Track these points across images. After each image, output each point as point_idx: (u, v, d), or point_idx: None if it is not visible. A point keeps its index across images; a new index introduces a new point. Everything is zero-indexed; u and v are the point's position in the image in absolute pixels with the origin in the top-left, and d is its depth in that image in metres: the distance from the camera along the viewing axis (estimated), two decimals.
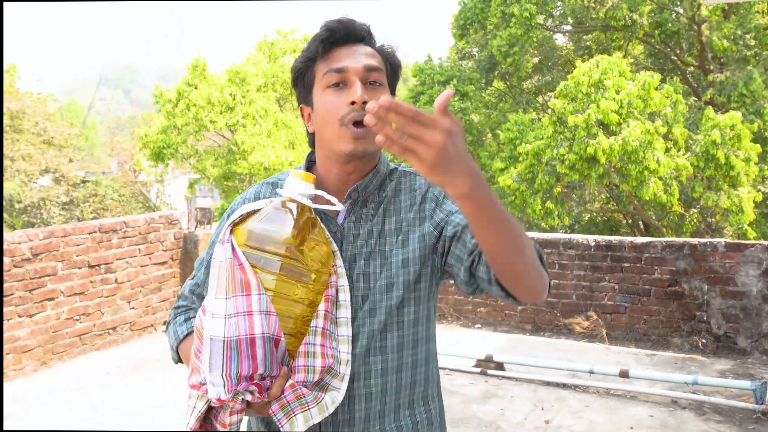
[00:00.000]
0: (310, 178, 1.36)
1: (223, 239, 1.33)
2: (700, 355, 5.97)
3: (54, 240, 5.89)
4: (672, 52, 16.38)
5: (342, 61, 1.42)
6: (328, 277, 1.39)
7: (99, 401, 5.12)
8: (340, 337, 1.41)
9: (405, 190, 1.54)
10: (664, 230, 13.59)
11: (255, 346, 1.28)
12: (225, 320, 1.29)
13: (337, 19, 1.45)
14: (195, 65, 16.77)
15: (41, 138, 19.18)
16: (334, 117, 1.41)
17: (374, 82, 1.43)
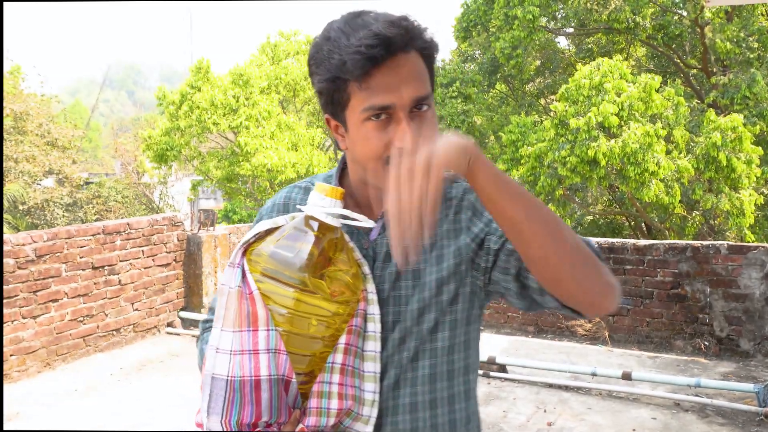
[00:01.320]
0: (337, 193, 1.19)
1: (234, 262, 1.21)
2: (703, 357, 5.98)
3: (58, 242, 5.92)
4: (675, 54, 16.39)
5: (384, 94, 1.17)
6: (356, 306, 1.23)
7: (103, 403, 5.14)
8: (365, 373, 1.26)
9: (443, 199, 1.34)
10: (666, 232, 13.59)
11: (260, 389, 1.15)
12: (230, 357, 1.17)
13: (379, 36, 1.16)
14: (198, 67, 16.80)
15: (45, 140, 19.21)
16: (376, 155, 1.21)
17: (421, 106, 1.21)
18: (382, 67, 1.17)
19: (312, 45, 1.26)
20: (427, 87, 1.22)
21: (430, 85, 1.24)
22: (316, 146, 17.59)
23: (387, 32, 1.15)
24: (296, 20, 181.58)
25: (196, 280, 7.17)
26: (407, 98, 1.18)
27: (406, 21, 1.19)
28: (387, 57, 1.16)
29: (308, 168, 16.09)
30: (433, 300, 1.29)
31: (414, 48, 1.20)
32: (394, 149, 1.16)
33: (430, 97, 1.22)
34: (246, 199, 17.99)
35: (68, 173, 19.42)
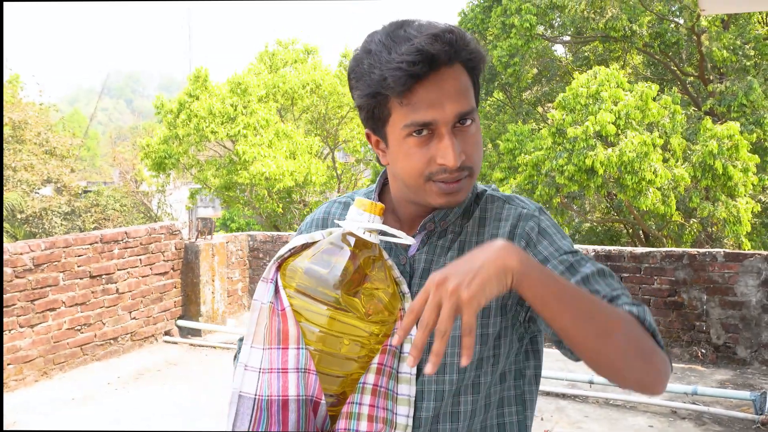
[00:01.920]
0: (377, 209, 1.16)
1: (267, 277, 1.18)
2: (700, 365, 5.99)
3: (56, 250, 5.92)
4: (672, 62, 16.44)
5: (426, 110, 1.14)
6: (392, 326, 1.17)
7: (100, 411, 5.14)
8: (399, 396, 1.20)
9: (491, 219, 1.28)
10: (664, 240, 13.61)
11: (288, 410, 1.13)
12: (259, 375, 1.15)
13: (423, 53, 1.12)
14: (197, 76, 16.83)
15: (43, 148, 19.23)
16: (419, 171, 1.18)
17: (465, 121, 1.18)
18: (425, 82, 1.13)
19: (352, 58, 1.22)
20: (470, 101, 1.18)
21: (474, 99, 1.21)
22: (314, 154, 17.61)
23: (430, 48, 1.11)
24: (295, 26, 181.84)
25: (194, 289, 7.17)
26: (450, 114, 1.15)
27: (451, 33, 1.15)
28: (429, 72, 1.13)
29: (306, 176, 16.10)
30: (477, 331, 1.20)
31: (458, 60, 1.16)
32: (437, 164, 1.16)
33: (473, 111, 1.19)
34: (244, 207, 18.00)
35: (66, 182, 19.43)
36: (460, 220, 1.29)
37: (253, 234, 8.38)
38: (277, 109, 18.30)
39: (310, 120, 19.08)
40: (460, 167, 1.16)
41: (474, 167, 1.20)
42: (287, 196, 17.16)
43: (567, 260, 1.19)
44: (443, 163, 1.15)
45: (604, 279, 1.17)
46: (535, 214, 1.26)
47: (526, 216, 1.25)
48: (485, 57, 1.22)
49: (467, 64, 1.18)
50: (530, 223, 1.24)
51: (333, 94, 17.85)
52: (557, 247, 1.21)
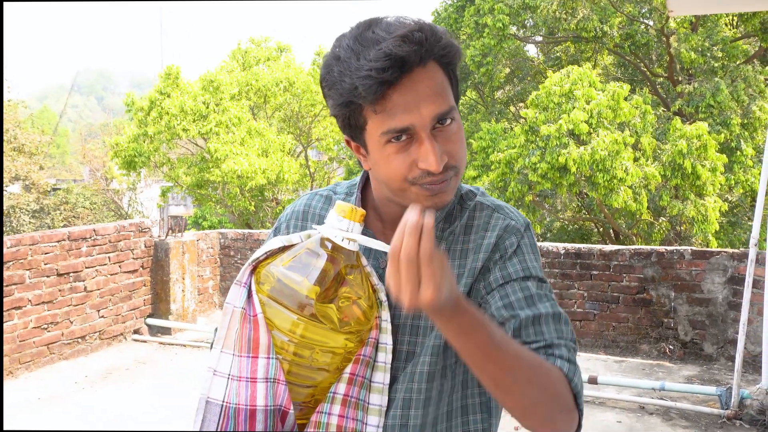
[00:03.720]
0: (356, 216, 1.11)
1: (241, 281, 1.15)
2: (668, 361, 6.06)
3: (22, 248, 5.83)
4: (642, 63, 16.62)
5: (402, 115, 1.09)
6: (366, 335, 1.15)
7: (68, 411, 5.07)
8: (370, 406, 1.18)
9: (477, 228, 1.25)
10: (634, 238, 13.76)
11: (255, 420, 1.11)
12: (228, 381, 1.13)
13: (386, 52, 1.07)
14: (168, 73, 16.67)
15: (11, 145, 18.93)
16: (402, 177, 1.13)
17: (444, 121, 1.13)
18: (398, 87, 1.08)
19: (323, 65, 1.16)
20: (448, 100, 1.13)
21: (452, 96, 1.15)
22: (287, 152, 17.53)
23: (399, 51, 1.06)
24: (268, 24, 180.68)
25: (164, 287, 7.10)
26: (427, 117, 1.10)
27: (420, 32, 1.09)
28: (401, 76, 1.08)
29: (279, 174, 16.03)
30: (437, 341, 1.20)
31: (432, 58, 1.11)
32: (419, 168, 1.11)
33: (452, 110, 1.13)
34: (216, 205, 17.87)
35: (35, 179, 19.15)
36: (442, 224, 1.26)
37: (225, 232, 8.32)
38: (250, 107, 18.20)
39: (283, 118, 18.99)
40: (444, 168, 1.12)
41: (459, 166, 1.16)
42: (260, 194, 17.07)
43: (528, 289, 1.17)
44: (425, 167, 1.11)
45: (556, 324, 1.15)
46: (521, 229, 1.25)
47: (512, 229, 1.24)
48: (460, 50, 1.17)
49: (441, 61, 1.13)
50: (512, 239, 1.23)
51: (306, 92, 17.79)
52: (526, 268, 1.20)
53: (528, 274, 1.19)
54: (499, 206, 1.29)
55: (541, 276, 1.21)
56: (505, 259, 1.21)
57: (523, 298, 1.16)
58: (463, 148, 1.17)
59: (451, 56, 1.14)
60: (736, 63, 14.70)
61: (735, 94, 13.73)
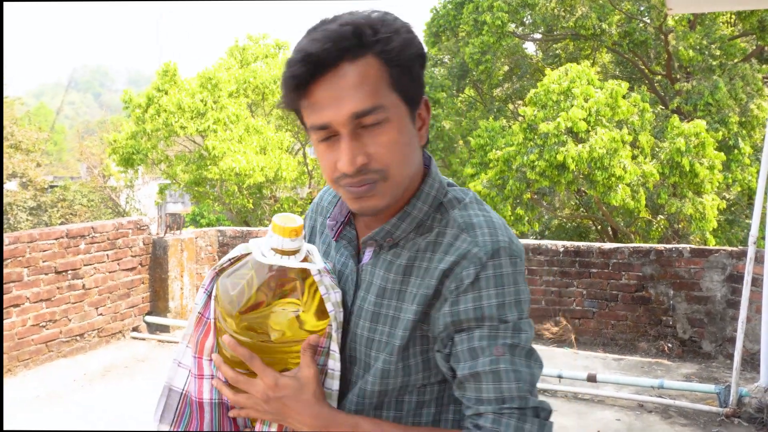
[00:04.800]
0: (286, 231, 1.11)
1: (204, 285, 1.20)
2: (666, 359, 6.07)
3: (20, 245, 5.82)
4: (640, 61, 16.63)
5: (319, 112, 1.08)
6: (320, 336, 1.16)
7: (66, 408, 5.06)
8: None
9: (443, 246, 1.15)
10: (632, 236, 13.78)
11: (203, 410, 1.21)
12: (188, 374, 1.24)
13: (302, 55, 1.07)
14: (165, 70, 16.65)
15: (8, 142, 18.90)
16: (329, 177, 1.14)
17: (369, 124, 1.08)
18: (321, 82, 1.07)
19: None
20: (374, 98, 1.07)
21: (389, 93, 1.09)
22: (285, 150, 17.52)
23: (310, 48, 1.05)
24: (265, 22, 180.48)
25: (162, 284, 7.09)
26: (344, 114, 1.06)
27: (350, 26, 1.07)
28: (320, 73, 1.06)
29: (277, 172, 16.02)
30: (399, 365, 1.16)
31: (369, 53, 1.07)
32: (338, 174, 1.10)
33: (378, 109, 1.07)
34: (214, 203, 17.85)
35: (32, 176, 19.13)
36: (414, 234, 1.18)
37: (223, 229, 8.31)
38: (248, 104, 18.18)
39: (281, 115, 18.97)
40: (363, 171, 1.08)
41: (386, 170, 1.09)
42: (258, 191, 17.06)
43: (473, 340, 1.08)
44: (339, 167, 1.09)
45: (496, 382, 1.06)
46: (483, 258, 1.10)
47: (473, 258, 1.10)
48: (406, 44, 1.10)
49: (382, 56, 1.08)
50: (469, 270, 1.10)
51: None
52: (479, 308, 1.08)
53: (481, 316, 1.08)
54: (469, 226, 1.14)
55: (501, 316, 1.08)
56: (459, 293, 1.09)
57: (467, 350, 1.08)
58: (395, 151, 1.10)
59: (392, 51, 1.08)
60: (734, 61, 14.72)
61: (733, 92, 13.75)
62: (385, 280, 1.17)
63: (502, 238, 1.12)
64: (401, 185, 1.13)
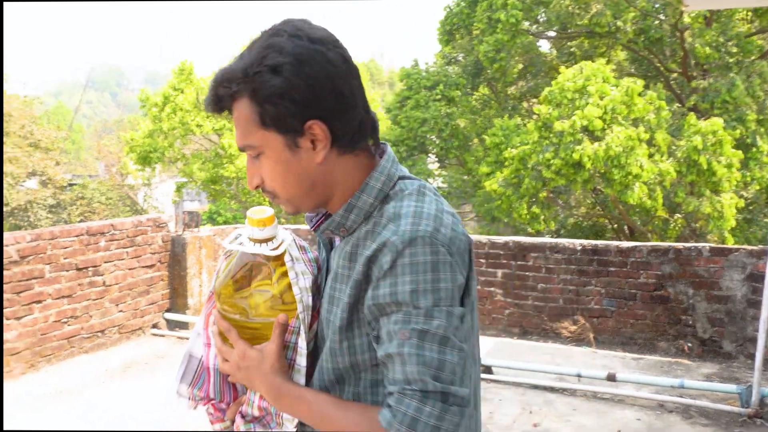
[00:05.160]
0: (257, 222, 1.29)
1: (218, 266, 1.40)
2: (686, 358, 6.04)
3: (41, 242, 5.87)
4: (656, 58, 16.53)
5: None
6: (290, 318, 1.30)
7: (87, 404, 5.11)
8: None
9: (374, 235, 1.24)
10: (649, 235, 13.71)
11: (210, 374, 1.44)
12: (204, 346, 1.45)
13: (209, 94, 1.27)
14: (181, 69, 16.74)
15: (28, 141, 19.06)
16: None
17: (255, 156, 1.26)
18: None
19: None
20: (244, 138, 1.25)
21: (259, 130, 1.23)
22: None
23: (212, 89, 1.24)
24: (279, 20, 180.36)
25: (181, 282, 7.14)
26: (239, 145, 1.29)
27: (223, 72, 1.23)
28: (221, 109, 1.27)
29: None
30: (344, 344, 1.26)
31: (245, 93, 1.21)
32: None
33: (249, 148, 1.26)
34: (230, 200, 17.93)
35: (51, 175, 19.28)
36: (366, 224, 1.27)
37: (240, 227, 8.34)
38: None
39: None
40: (261, 188, 1.29)
41: (275, 192, 1.28)
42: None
43: (388, 323, 1.16)
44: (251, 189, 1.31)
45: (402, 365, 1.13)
46: (398, 246, 1.15)
47: (389, 245, 1.16)
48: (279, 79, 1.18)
49: (252, 96, 1.21)
50: (386, 257, 1.16)
51: None
52: (394, 293, 1.15)
53: (396, 300, 1.14)
54: (396, 216, 1.21)
55: (414, 302, 1.13)
56: (379, 279, 1.17)
57: (385, 333, 1.16)
58: (274, 177, 1.26)
59: (260, 89, 1.19)
60: (751, 58, 14.60)
61: (750, 89, 13.65)
62: (338, 266, 1.28)
63: (424, 227, 1.17)
64: (295, 199, 1.30)
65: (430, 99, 17.30)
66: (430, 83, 17.69)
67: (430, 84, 17.67)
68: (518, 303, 6.81)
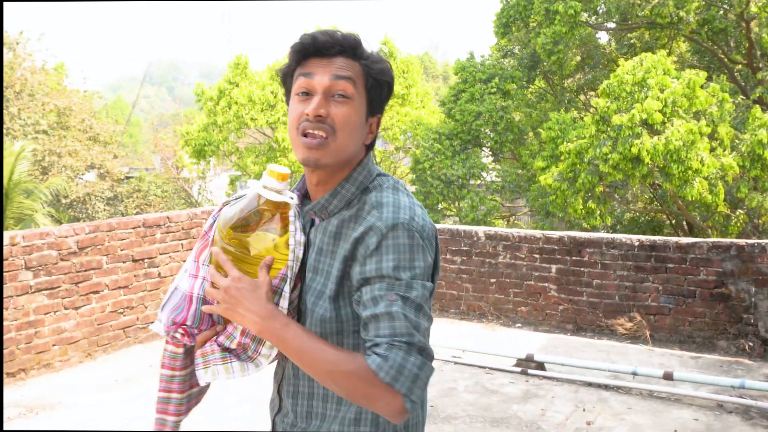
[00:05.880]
0: (276, 175, 1.45)
1: (213, 213, 1.61)
2: (747, 358, 5.85)
3: (99, 234, 6.00)
4: (719, 49, 16.04)
5: (310, 74, 1.46)
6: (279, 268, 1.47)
7: (142, 393, 5.20)
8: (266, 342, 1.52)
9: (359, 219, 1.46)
10: (709, 231, 13.33)
11: (191, 302, 1.56)
12: (188, 277, 1.59)
13: (312, 33, 1.48)
14: (236, 63, 16.93)
15: (87, 135, 19.54)
16: (293, 125, 1.47)
17: (341, 95, 1.45)
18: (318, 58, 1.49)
19: None
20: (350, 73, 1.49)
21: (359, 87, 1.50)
22: None
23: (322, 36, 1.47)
24: (334, 17, 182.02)
25: None
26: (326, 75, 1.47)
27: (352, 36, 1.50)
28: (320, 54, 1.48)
29: None
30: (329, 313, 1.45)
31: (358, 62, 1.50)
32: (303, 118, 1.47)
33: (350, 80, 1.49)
34: None
35: (109, 168, 19.74)
36: (347, 209, 1.49)
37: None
38: None
39: None
40: (320, 120, 1.43)
41: (336, 130, 1.44)
42: None
43: (374, 291, 1.36)
44: (305, 111, 1.43)
45: (390, 321, 1.32)
46: (383, 230, 1.38)
47: (376, 230, 1.39)
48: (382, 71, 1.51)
49: (365, 68, 1.49)
50: (373, 239, 1.39)
51: None
52: (380, 268, 1.36)
53: (381, 274, 1.36)
54: (380, 204, 1.44)
55: (396, 275, 1.35)
56: (366, 257, 1.38)
57: (370, 299, 1.36)
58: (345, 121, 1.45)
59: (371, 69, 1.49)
60: None
61: None
62: (321, 242, 1.49)
63: (403, 216, 1.41)
64: (342, 151, 1.47)
65: (485, 92, 17.12)
66: (486, 76, 17.50)
67: (486, 77, 17.49)
68: (572, 299, 6.69)
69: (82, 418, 4.76)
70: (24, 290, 5.46)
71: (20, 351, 5.45)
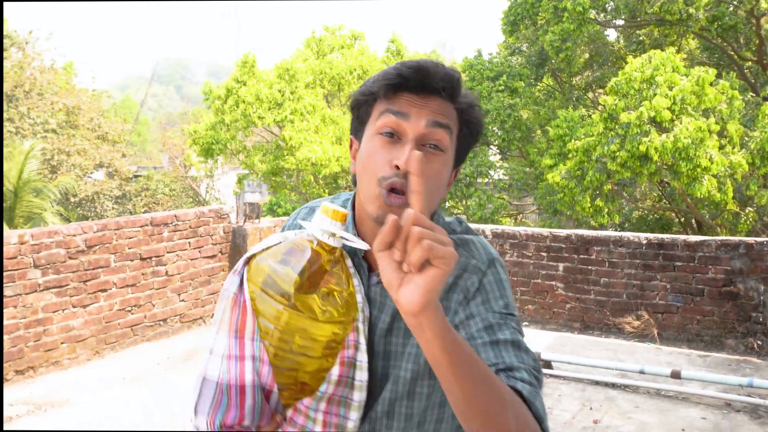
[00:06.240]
0: (339, 216, 1.18)
1: (236, 270, 1.25)
2: (756, 357, 5.82)
3: (107, 233, 6.02)
4: (729, 46, 15.96)
5: (401, 114, 1.21)
6: (348, 330, 1.22)
7: (150, 391, 5.22)
8: (353, 402, 1.25)
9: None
10: (718, 229, 13.27)
11: (245, 395, 1.20)
12: (221, 360, 1.22)
13: (416, 66, 1.22)
14: (244, 62, 16.94)
15: (96, 133, 19.62)
16: (374, 173, 1.20)
17: (434, 145, 1.21)
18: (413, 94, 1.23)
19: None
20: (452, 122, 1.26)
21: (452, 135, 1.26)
22: None
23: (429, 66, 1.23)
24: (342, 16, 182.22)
25: None
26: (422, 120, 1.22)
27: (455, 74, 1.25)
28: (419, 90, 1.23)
29: None
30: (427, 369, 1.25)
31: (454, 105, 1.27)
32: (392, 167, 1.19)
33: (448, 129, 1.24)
34: (291, 192, 18.10)
35: (118, 166, 19.80)
36: None
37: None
38: (324, 95, 18.33)
39: None
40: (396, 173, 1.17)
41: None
42: (333, 181, 17.20)
43: (488, 320, 1.20)
44: (396, 163, 1.17)
45: (516, 350, 1.17)
46: (482, 268, 1.27)
47: (472, 269, 1.27)
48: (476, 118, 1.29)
49: (460, 114, 1.26)
50: (473, 279, 1.26)
51: None
52: (488, 306, 1.23)
53: (489, 308, 1.23)
54: (465, 242, 1.31)
55: (505, 311, 1.23)
56: (469, 299, 1.24)
57: (483, 327, 1.20)
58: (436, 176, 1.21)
59: (466, 114, 1.27)
60: None
61: None
62: (388, 299, 1.27)
63: (493, 251, 1.32)
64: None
65: (492, 90, 17.09)
66: (493, 74, 17.47)
67: (493, 75, 17.45)
68: (580, 297, 6.67)
69: (90, 415, 4.78)
70: (32, 288, 5.48)
71: (29, 349, 5.48)
